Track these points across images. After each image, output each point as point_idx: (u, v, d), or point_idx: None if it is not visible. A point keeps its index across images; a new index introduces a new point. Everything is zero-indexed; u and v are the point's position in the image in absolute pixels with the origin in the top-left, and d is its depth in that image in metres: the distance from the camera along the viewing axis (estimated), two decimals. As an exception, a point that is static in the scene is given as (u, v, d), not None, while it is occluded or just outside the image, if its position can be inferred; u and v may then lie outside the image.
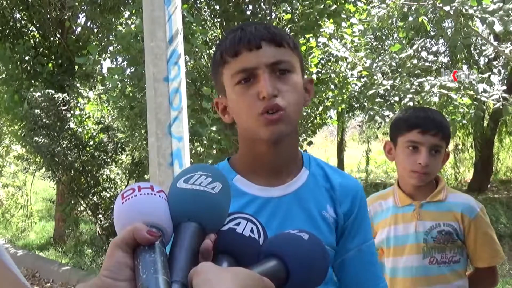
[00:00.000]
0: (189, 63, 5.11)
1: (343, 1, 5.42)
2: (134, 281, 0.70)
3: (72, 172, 7.07)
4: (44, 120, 6.85)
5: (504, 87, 4.48)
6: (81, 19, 8.61)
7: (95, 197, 7.06)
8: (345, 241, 1.16)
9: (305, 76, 1.17)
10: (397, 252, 1.85)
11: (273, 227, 1.06)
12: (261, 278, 0.70)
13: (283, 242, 0.82)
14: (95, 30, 8.44)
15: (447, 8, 4.08)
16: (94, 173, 7.10)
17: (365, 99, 5.49)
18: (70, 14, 7.81)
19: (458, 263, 1.81)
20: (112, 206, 6.79)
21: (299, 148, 1.22)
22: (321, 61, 5.37)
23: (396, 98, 5.00)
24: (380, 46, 9.55)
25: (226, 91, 1.11)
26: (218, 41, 1.19)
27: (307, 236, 0.83)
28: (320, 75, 5.27)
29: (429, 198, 1.84)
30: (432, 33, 8.57)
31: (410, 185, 1.86)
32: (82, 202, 7.24)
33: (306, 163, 1.18)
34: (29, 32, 8.33)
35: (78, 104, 7.67)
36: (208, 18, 5.79)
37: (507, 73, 9.08)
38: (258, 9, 5.58)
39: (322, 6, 5.07)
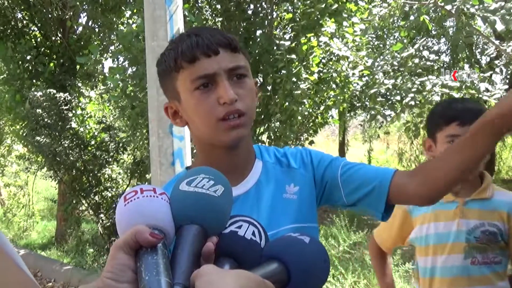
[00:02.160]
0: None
1: (344, 0, 5.42)
2: (136, 283, 0.71)
3: (74, 171, 7.07)
4: (45, 120, 6.85)
5: (506, 86, 4.48)
6: (83, 19, 8.62)
7: (96, 196, 7.06)
8: (330, 178, 1.18)
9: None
10: (437, 250, 1.76)
11: None
12: (263, 280, 0.71)
13: (284, 245, 0.82)
14: (97, 29, 8.44)
15: (448, 7, 4.07)
16: (96, 172, 7.10)
17: (366, 99, 5.49)
18: (71, 13, 7.82)
19: (499, 264, 1.73)
20: (114, 205, 6.83)
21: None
22: (323, 61, 5.37)
23: (398, 97, 4.98)
24: (381, 45, 9.53)
25: (180, 96, 1.11)
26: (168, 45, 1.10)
27: (308, 239, 0.84)
28: (321, 74, 5.26)
29: (474, 196, 1.74)
30: (433, 32, 8.56)
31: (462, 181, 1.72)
32: (83, 201, 7.24)
33: (258, 155, 1.22)
34: (31, 31, 8.34)
35: (80, 104, 7.67)
36: (210, 18, 5.79)
37: (509, 72, 9.07)
38: (259, 9, 5.57)
39: (323, 5, 5.06)
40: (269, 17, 5.37)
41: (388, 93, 5.32)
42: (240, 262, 0.79)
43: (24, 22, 8.29)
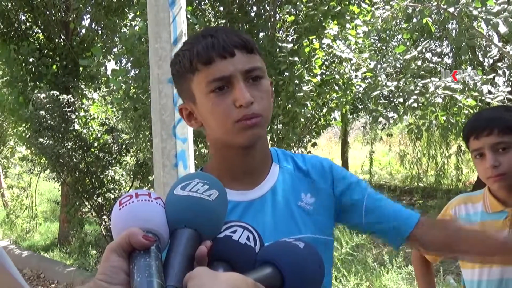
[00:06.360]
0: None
1: (347, 3, 5.42)
2: (129, 286, 0.71)
3: (77, 173, 7.08)
4: (48, 122, 6.86)
5: (509, 89, 4.46)
6: (86, 21, 8.64)
7: (99, 198, 7.07)
8: (352, 199, 1.21)
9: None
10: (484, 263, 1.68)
11: (259, 228, 1.08)
12: (255, 284, 0.71)
13: (278, 250, 0.83)
14: (100, 31, 8.46)
15: (451, 9, 4.08)
16: (99, 174, 7.11)
17: (369, 101, 5.49)
18: (74, 15, 7.84)
19: None
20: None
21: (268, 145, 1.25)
22: (325, 63, 5.36)
23: (401, 100, 4.99)
24: (384, 48, 9.53)
25: (195, 98, 1.09)
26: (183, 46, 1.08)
27: (303, 245, 0.84)
28: (324, 76, 5.26)
29: None
30: (436, 35, 8.56)
31: (502, 190, 1.67)
32: (86, 203, 7.25)
33: (275, 159, 1.21)
34: (34, 33, 8.35)
35: (83, 106, 7.69)
36: (212, 20, 5.79)
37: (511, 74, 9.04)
38: (262, 11, 5.58)
39: (326, 8, 5.06)
40: (272, 19, 5.38)
41: (390, 95, 5.32)
42: (234, 267, 0.80)
43: (27, 24, 8.31)
